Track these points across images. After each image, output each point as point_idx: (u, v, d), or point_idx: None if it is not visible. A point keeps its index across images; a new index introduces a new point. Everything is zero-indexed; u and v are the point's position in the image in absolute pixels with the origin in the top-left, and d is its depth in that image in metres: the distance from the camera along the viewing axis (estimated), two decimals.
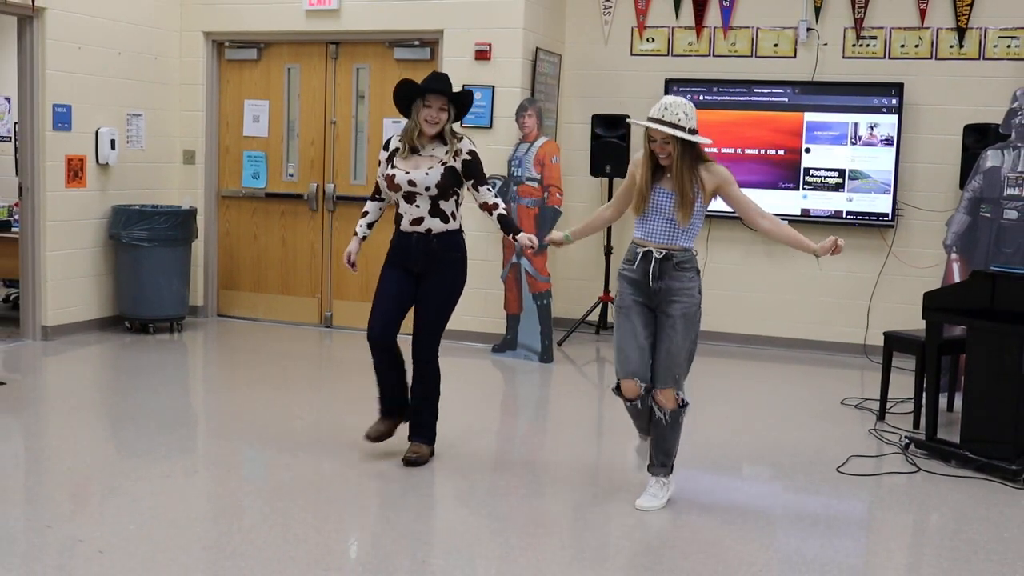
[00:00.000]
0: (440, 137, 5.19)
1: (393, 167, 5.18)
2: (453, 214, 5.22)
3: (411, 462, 5.20)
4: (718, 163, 4.71)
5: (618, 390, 4.76)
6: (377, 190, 5.39)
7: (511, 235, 5.27)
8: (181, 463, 5.27)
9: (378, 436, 5.33)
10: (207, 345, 8.50)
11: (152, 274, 8.31)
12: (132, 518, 4.39)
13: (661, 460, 4.77)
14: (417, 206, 5.14)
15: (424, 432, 5.30)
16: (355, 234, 5.42)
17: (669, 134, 4.52)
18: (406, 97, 5.17)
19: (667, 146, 4.55)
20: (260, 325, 9.12)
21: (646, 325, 4.66)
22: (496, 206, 5.25)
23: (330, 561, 4.05)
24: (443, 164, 5.13)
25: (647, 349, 4.66)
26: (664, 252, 4.60)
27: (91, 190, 8.31)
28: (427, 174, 5.10)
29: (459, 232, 5.27)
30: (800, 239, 4.65)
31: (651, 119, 4.55)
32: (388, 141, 5.31)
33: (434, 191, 5.11)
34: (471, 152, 5.22)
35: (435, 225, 5.15)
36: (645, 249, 4.62)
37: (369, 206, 5.44)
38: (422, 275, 5.20)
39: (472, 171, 5.21)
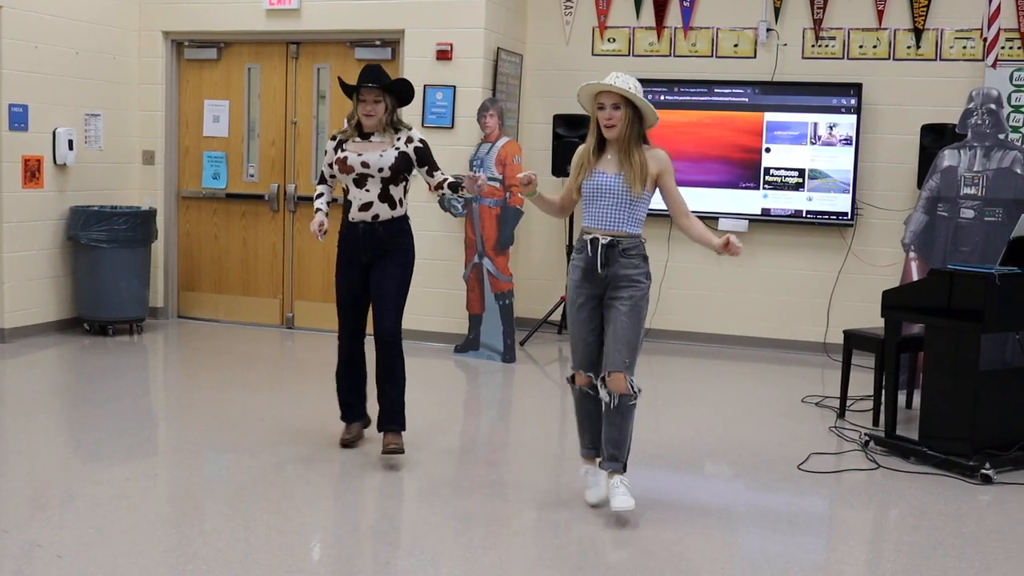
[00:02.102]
0: (389, 125, 5.33)
1: (344, 151, 5.29)
2: (401, 200, 5.36)
3: (392, 451, 5.24)
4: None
5: (572, 380, 4.77)
6: (323, 179, 5.52)
7: (462, 185, 5.34)
8: (141, 466, 5.23)
9: (350, 441, 5.46)
10: (167, 347, 8.44)
11: (111, 275, 8.24)
12: (91, 522, 4.34)
13: (612, 453, 4.60)
14: (367, 190, 5.24)
15: (396, 419, 5.35)
16: (317, 210, 5.46)
17: (621, 95, 4.56)
18: (348, 95, 5.37)
19: (617, 112, 4.57)
20: (221, 326, 9.05)
21: (592, 319, 4.65)
22: (446, 179, 5.39)
23: (292, 563, 4.03)
24: (396, 148, 5.27)
25: (596, 343, 4.65)
26: (609, 239, 4.57)
27: (48, 191, 8.22)
28: (381, 156, 5.24)
29: (405, 218, 5.42)
30: (708, 236, 4.68)
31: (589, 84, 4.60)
32: (335, 133, 5.48)
33: (387, 173, 5.23)
34: (422, 140, 5.38)
35: (383, 211, 5.27)
36: (591, 236, 4.61)
37: (321, 187, 5.55)
38: (372, 263, 5.32)
39: (425, 158, 5.37)
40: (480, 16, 8.20)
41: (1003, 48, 7.93)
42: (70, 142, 8.29)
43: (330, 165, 5.41)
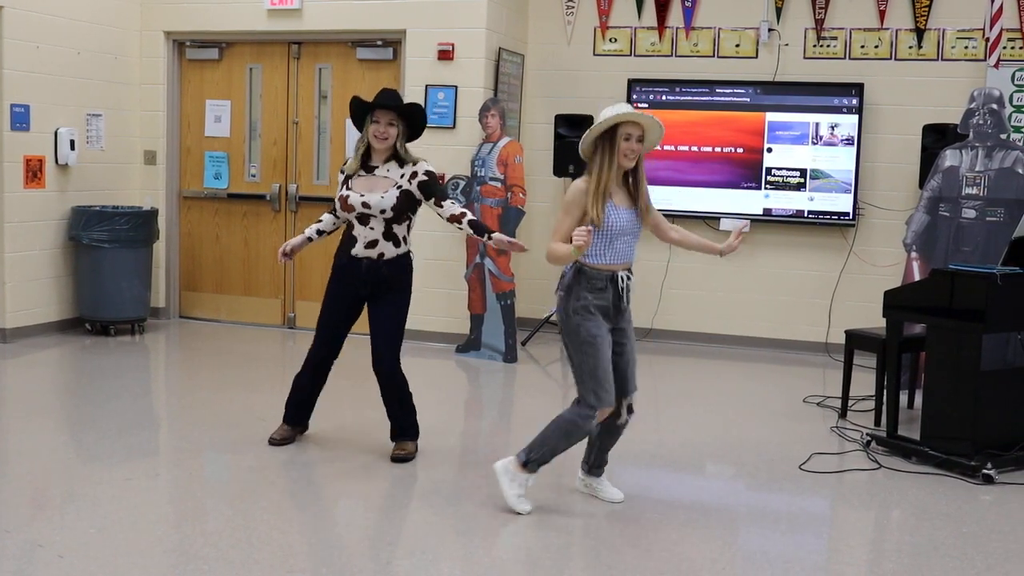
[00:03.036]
0: (396, 157, 5.18)
1: (348, 188, 5.20)
2: (405, 238, 5.26)
3: (400, 459, 5.29)
4: None
5: (590, 424, 4.59)
6: (335, 205, 5.39)
7: (486, 237, 5.21)
8: (142, 466, 5.22)
9: (282, 440, 5.51)
10: (169, 347, 8.44)
11: (113, 275, 8.24)
12: (92, 522, 4.34)
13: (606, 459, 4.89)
14: (371, 228, 5.16)
15: (408, 432, 5.40)
16: (303, 232, 5.50)
17: (644, 126, 4.43)
18: (358, 114, 5.22)
19: (639, 146, 4.46)
20: (222, 326, 9.06)
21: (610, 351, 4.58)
22: (464, 215, 5.21)
23: (294, 563, 4.03)
24: (398, 188, 5.13)
25: None
26: (627, 274, 4.54)
27: (50, 191, 8.23)
28: (382, 197, 5.11)
29: (408, 255, 5.32)
30: (706, 242, 4.81)
31: (610, 119, 4.40)
32: (347, 162, 5.35)
33: (389, 214, 5.13)
34: (427, 172, 5.19)
35: (388, 250, 5.20)
36: (611, 273, 4.49)
37: (326, 217, 5.50)
38: (372, 296, 5.28)
39: (431, 190, 5.20)
40: (482, 16, 8.20)
41: (1005, 48, 7.92)
42: (72, 142, 8.29)
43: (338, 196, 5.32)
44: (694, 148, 8.66)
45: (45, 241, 8.22)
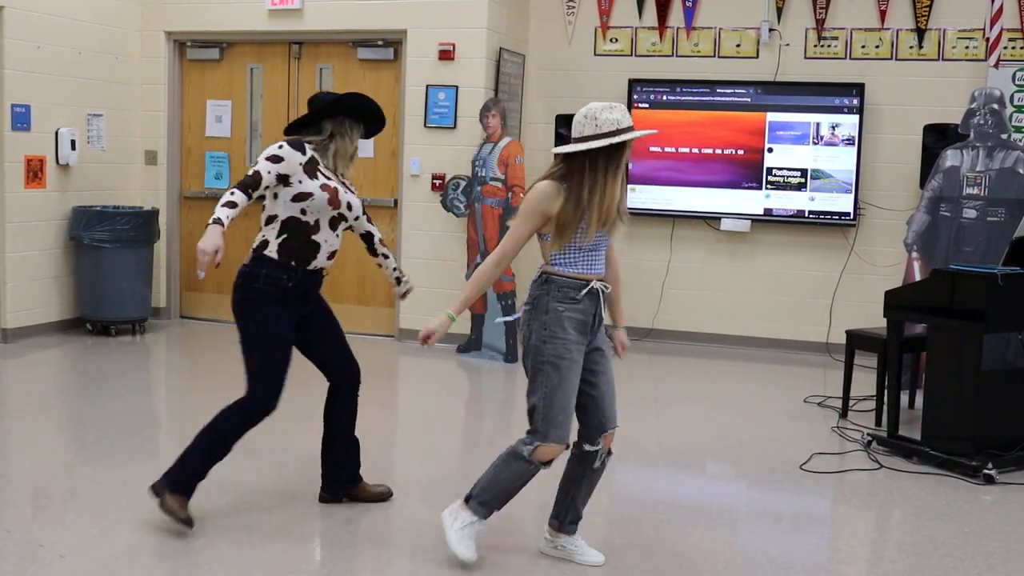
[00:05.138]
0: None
1: (327, 178, 4.36)
2: None
3: (388, 496, 4.82)
4: None
5: (533, 460, 3.97)
6: (254, 185, 4.20)
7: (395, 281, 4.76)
8: (143, 466, 5.21)
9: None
10: (170, 347, 8.44)
11: (114, 275, 8.24)
12: (94, 522, 4.35)
13: (581, 514, 4.18)
14: (337, 235, 4.43)
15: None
16: (220, 223, 4.09)
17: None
18: (362, 115, 4.51)
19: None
20: (223, 327, 9.04)
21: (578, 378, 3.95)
22: (381, 240, 4.77)
23: (295, 564, 4.03)
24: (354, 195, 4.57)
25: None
26: (602, 285, 3.96)
27: (51, 191, 8.23)
28: (357, 199, 4.54)
29: None
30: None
31: (625, 132, 3.83)
32: (299, 143, 4.35)
33: (352, 222, 4.53)
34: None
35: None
36: (590, 285, 3.90)
37: (239, 198, 4.15)
38: (311, 313, 4.51)
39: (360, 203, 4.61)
40: (482, 16, 8.20)
41: (1006, 48, 7.92)
42: (72, 142, 8.29)
43: (283, 179, 4.25)
44: (695, 148, 8.66)
45: (46, 241, 8.22)
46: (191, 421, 6.07)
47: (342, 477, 4.72)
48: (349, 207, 4.43)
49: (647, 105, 8.65)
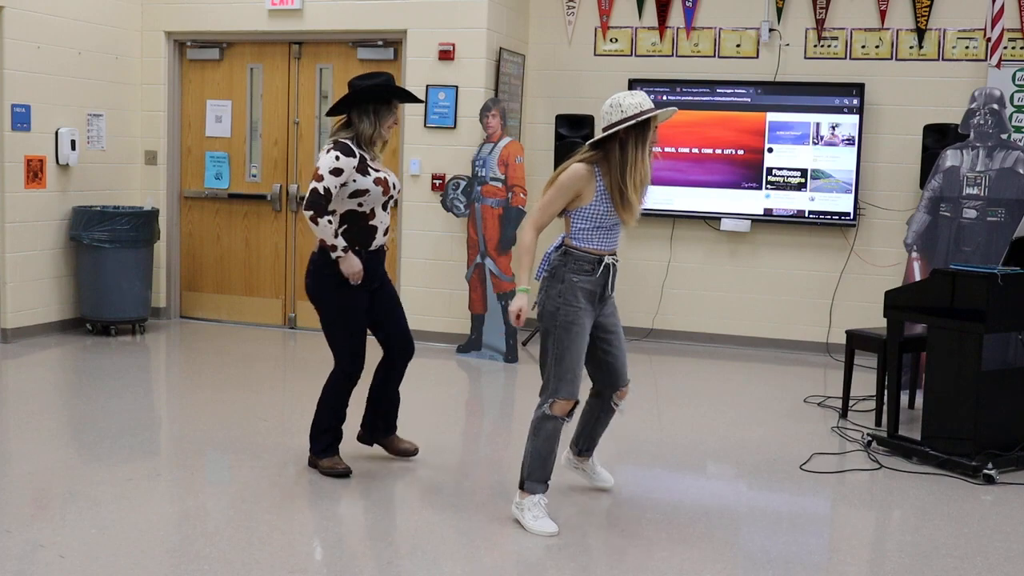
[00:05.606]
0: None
1: (375, 170, 4.89)
2: None
3: (414, 452, 5.34)
4: None
5: (554, 414, 4.44)
6: (327, 203, 4.79)
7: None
8: (143, 466, 5.23)
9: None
10: (170, 347, 8.44)
11: (114, 275, 8.24)
12: (94, 522, 4.35)
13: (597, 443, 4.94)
14: (387, 213, 5.01)
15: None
16: (346, 248, 4.82)
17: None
18: (377, 99, 4.90)
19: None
20: (223, 327, 9.06)
21: (586, 342, 4.48)
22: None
23: (295, 563, 4.03)
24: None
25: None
26: (615, 258, 4.48)
27: (51, 191, 8.23)
28: (395, 177, 5.07)
29: None
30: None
31: (648, 111, 4.32)
32: (346, 146, 4.84)
33: (397, 196, 5.08)
34: None
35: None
36: (603, 258, 4.41)
37: (332, 218, 4.84)
38: (376, 288, 5.05)
39: None
40: (482, 16, 8.20)
41: (1006, 48, 7.92)
42: (72, 142, 8.30)
43: (348, 186, 4.82)
44: (695, 148, 8.66)
45: (46, 241, 8.22)
46: (191, 421, 6.09)
47: (379, 426, 5.28)
48: (395, 187, 4.98)
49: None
